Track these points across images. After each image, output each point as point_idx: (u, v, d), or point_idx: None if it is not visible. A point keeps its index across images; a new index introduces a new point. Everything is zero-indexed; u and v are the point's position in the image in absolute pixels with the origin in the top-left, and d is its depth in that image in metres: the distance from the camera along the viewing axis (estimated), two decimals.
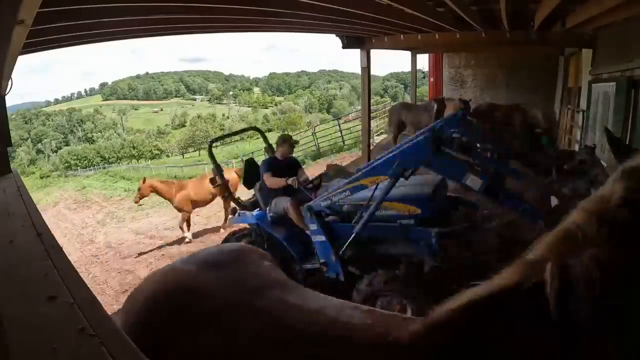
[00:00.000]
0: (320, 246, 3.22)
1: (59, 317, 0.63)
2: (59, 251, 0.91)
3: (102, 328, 0.60)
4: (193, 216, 7.99)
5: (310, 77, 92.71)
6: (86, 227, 12.46)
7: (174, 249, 7.62)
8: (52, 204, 19.56)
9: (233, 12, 3.44)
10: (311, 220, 3.21)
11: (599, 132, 4.29)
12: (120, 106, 78.48)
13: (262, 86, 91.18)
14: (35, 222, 1.11)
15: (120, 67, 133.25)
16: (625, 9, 2.91)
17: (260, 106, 78.77)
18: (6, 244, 0.95)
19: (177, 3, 2.90)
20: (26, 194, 1.45)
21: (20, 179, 1.78)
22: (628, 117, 3.29)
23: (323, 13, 3.70)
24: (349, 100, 74.20)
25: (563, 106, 8.04)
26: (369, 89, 6.91)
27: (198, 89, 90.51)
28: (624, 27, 3.57)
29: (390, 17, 4.24)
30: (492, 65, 9.75)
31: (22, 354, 0.56)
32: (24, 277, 0.79)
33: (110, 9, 2.60)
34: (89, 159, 48.01)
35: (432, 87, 11.07)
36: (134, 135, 61.66)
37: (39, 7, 1.34)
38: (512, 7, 3.85)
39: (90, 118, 70.56)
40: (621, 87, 3.43)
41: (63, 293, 0.70)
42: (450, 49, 9.56)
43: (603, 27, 4.24)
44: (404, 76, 72.76)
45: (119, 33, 3.46)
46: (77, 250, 9.38)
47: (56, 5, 2.17)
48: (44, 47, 3.10)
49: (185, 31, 4.31)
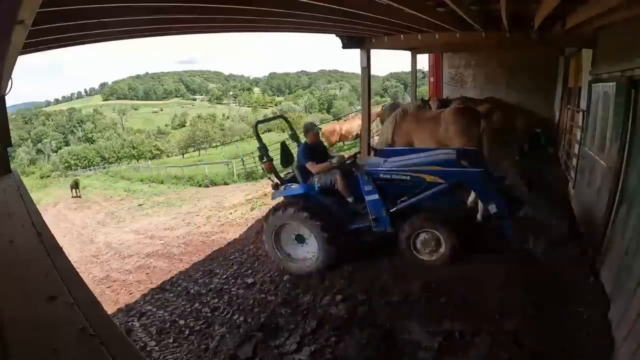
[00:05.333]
0: (373, 204, 4.06)
1: (59, 317, 0.63)
2: (59, 251, 0.91)
3: (102, 328, 0.60)
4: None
5: (310, 77, 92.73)
6: (86, 227, 12.45)
7: (174, 249, 7.63)
8: (52, 204, 19.55)
9: (233, 12, 3.44)
10: (368, 183, 4.05)
11: (599, 132, 4.30)
12: (120, 106, 78.50)
13: (262, 86, 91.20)
14: (35, 222, 1.11)
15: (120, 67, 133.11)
16: (625, 9, 2.91)
17: (261, 106, 78.82)
18: (6, 244, 0.95)
19: (177, 3, 2.90)
20: (26, 194, 1.45)
21: (20, 179, 1.79)
22: (628, 117, 3.28)
23: (323, 13, 3.69)
24: (349, 100, 74.22)
25: (563, 106, 8.04)
26: (369, 89, 6.90)
27: (198, 89, 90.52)
28: (624, 27, 3.56)
29: (390, 17, 4.23)
30: (492, 65, 9.75)
31: (22, 354, 0.56)
32: (24, 277, 0.79)
33: (110, 9, 2.60)
34: (89, 159, 48.02)
35: (432, 87, 11.05)
36: (134, 135, 61.67)
37: (39, 7, 1.33)
38: (512, 7, 3.85)
39: (90, 118, 70.62)
40: (621, 87, 3.43)
41: (63, 293, 0.70)
42: (450, 49, 9.54)
43: (603, 27, 4.24)
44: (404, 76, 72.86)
45: (119, 33, 3.45)
46: (77, 250, 9.37)
47: (56, 5, 2.17)
48: (44, 47, 3.10)
49: (186, 31, 4.30)
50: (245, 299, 4.45)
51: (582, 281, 3.52)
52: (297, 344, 3.31)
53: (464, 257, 3.95)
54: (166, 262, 6.92)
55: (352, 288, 3.95)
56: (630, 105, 3.24)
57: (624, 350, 2.50)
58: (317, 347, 3.23)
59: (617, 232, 3.25)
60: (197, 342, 3.86)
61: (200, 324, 4.19)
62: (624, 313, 2.66)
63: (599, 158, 4.10)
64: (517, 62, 9.21)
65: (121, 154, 51.09)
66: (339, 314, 3.60)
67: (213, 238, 7.61)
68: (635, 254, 2.70)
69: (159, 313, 4.71)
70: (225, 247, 6.73)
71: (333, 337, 3.31)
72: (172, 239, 8.38)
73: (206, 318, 4.28)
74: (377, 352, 3.06)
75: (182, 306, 4.72)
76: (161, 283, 5.75)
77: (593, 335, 2.87)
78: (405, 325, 3.27)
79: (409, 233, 3.96)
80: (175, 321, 4.38)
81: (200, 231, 8.41)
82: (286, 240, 4.40)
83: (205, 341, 3.83)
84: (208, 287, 5.05)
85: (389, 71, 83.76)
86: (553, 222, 4.27)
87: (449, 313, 3.31)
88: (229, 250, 6.37)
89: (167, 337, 4.09)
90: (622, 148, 3.32)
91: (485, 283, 3.63)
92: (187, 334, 4.06)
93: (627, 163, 3.26)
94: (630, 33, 3.40)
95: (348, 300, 3.75)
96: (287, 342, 3.37)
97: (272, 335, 3.51)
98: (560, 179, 6.24)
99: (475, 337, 2.99)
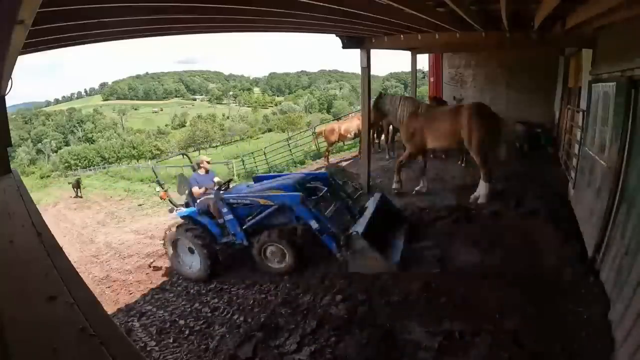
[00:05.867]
0: (230, 223, 5.11)
1: (59, 317, 0.63)
2: (59, 251, 0.91)
3: (102, 328, 0.60)
4: None
5: (310, 77, 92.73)
6: (86, 227, 12.44)
7: None
8: (52, 203, 19.54)
9: (233, 12, 3.44)
10: (223, 206, 5.06)
11: (599, 132, 4.30)
12: (120, 106, 78.48)
13: (262, 86, 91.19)
14: (35, 222, 1.11)
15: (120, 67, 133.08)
16: (625, 9, 2.91)
17: (260, 106, 78.79)
18: (6, 244, 0.95)
19: (177, 3, 2.90)
20: (26, 194, 1.45)
21: (20, 179, 1.79)
22: (628, 117, 3.28)
23: (323, 13, 3.69)
24: (348, 100, 74.23)
25: (563, 106, 8.04)
26: (369, 88, 6.90)
27: (198, 89, 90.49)
28: (624, 27, 3.56)
29: (390, 17, 4.23)
30: (492, 65, 9.75)
31: (22, 354, 0.56)
32: (24, 277, 0.79)
33: (110, 9, 2.60)
34: (89, 159, 48.01)
35: (432, 87, 11.06)
36: (133, 135, 61.66)
37: (39, 7, 1.33)
38: (512, 7, 3.85)
39: (90, 118, 70.59)
40: (621, 87, 3.43)
41: (63, 293, 0.70)
42: (450, 49, 9.55)
43: (603, 27, 4.24)
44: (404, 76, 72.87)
45: (119, 33, 3.45)
46: (77, 250, 9.36)
47: (56, 5, 2.17)
48: (44, 47, 3.10)
49: (186, 31, 4.30)
50: (245, 298, 4.46)
51: (582, 281, 3.52)
52: (297, 343, 3.32)
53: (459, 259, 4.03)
54: (166, 262, 6.91)
55: (352, 288, 3.96)
56: (630, 105, 3.24)
57: (624, 350, 2.50)
58: (317, 347, 3.23)
59: (617, 232, 3.26)
60: (197, 342, 3.86)
61: (200, 324, 4.19)
62: (624, 313, 2.65)
63: (599, 158, 4.10)
64: (517, 62, 9.21)
65: (121, 154, 51.08)
66: (339, 314, 3.60)
67: None
68: (635, 254, 2.70)
69: (159, 313, 4.71)
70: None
71: (333, 337, 3.31)
72: None
73: (206, 318, 4.28)
74: (377, 352, 3.06)
75: (182, 306, 4.72)
76: (161, 283, 5.74)
77: (593, 335, 2.87)
78: (405, 325, 3.28)
79: (259, 246, 4.86)
80: (175, 321, 4.38)
81: None
82: (183, 250, 5.42)
83: (205, 341, 3.83)
84: (208, 287, 5.05)
85: (389, 71, 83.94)
86: None
87: (449, 313, 3.31)
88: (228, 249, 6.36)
89: (167, 337, 4.09)
90: (622, 148, 3.32)
91: (485, 283, 3.63)
92: (187, 333, 4.06)
93: (627, 163, 3.27)
94: (630, 33, 3.40)
95: (348, 300, 3.76)
96: (287, 342, 3.37)
97: (272, 335, 3.51)
98: (560, 179, 6.25)
99: (475, 337, 3.00)
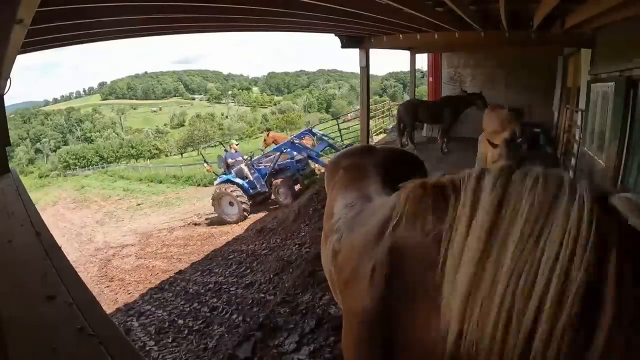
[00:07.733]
0: (256, 179, 8.76)
1: (58, 316, 0.63)
2: (57, 251, 0.91)
3: (101, 328, 0.60)
4: None
5: (309, 77, 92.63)
6: (85, 226, 12.43)
7: (173, 248, 7.62)
8: (50, 203, 19.51)
9: (233, 12, 3.44)
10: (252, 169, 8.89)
11: (598, 132, 4.31)
12: (119, 105, 78.27)
13: (261, 85, 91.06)
14: (34, 221, 1.11)
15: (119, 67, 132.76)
16: (624, 9, 2.92)
17: (259, 106, 78.70)
18: (5, 243, 0.95)
19: (177, 3, 2.90)
20: (25, 194, 1.45)
21: (19, 178, 1.78)
22: (627, 117, 3.29)
23: (323, 13, 3.69)
24: (347, 100, 74.16)
25: (562, 106, 8.05)
26: (367, 88, 6.91)
27: (197, 88, 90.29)
28: (624, 27, 3.57)
29: (389, 16, 4.23)
30: (491, 65, 9.75)
31: (21, 354, 0.56)
32: (23, 276, 0.78)
33: (110, 8, 2.60)
34: (87, 159, 47.89)
35: (430, 86, 11.06)
36: (132, 135, 61.55)
37: (38, 6, 1.33)
38: (511, 6, 3.85)
39: (88, 117, 70.39)
40: (620, 87, 3.44)
41: (62, 293, 0.70)
42: (450, 49, 9.55)
43: (602, 27, 4.24)
44: (402, 76, 72.79)
45: (118, 32, 3.45)
46: (76, 250, 9.36)
47: (55, 4, 2.16)
48: (43, 47, 3.09)
49: (185, 31, 4.30)
50: (244, 298, 4.46)
51: None
52: (296, 343, 3.32)
53: None
54: (165, 261, 6.92)
55: None
56: (628, 105, 3.26)
57: None
58: (316, 347, 3.23)
59: None
60: (196, 341, 3.86)
61: (199, 323, 4.19)
62: None
63: (598, 157, 4.11)
64: (516, 62, 9.22)
65: (120, 153, 50.95)
66: (338, 313, 3.60)
67: (212, 237, 7.61)
68: None
69: (157, 312, 4.71)
70: (223, 246, 6.73)
71: (332, 336, 3.31)
72: (171, 238, 8.37)
73: (205, 317, 4.28)
74: None
75: (180, 306, 4.72)
76: (160, 282, 5.75)
77: None
78: None
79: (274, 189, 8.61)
80: (174, 321, 4.37)
81: (198, 231, 8.41)
82: (225, 204, 8.56)
83: (204, 341, 3.83)
84: (207, 286, 5.05)
85: (388, 71, 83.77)
86: None
87: None
88: (228, 249, 6.37)
89: (166, 337, 4.09)
90: (621, 147, 3.33)
91: None
92: (186, 333, 4.06)
93: (625, 162, 3.28)
94: (630, 33, 3.40)
95: None
96: (286, 341, 3.37)
97: (271, 334, 3.51)
98: None
99: None
